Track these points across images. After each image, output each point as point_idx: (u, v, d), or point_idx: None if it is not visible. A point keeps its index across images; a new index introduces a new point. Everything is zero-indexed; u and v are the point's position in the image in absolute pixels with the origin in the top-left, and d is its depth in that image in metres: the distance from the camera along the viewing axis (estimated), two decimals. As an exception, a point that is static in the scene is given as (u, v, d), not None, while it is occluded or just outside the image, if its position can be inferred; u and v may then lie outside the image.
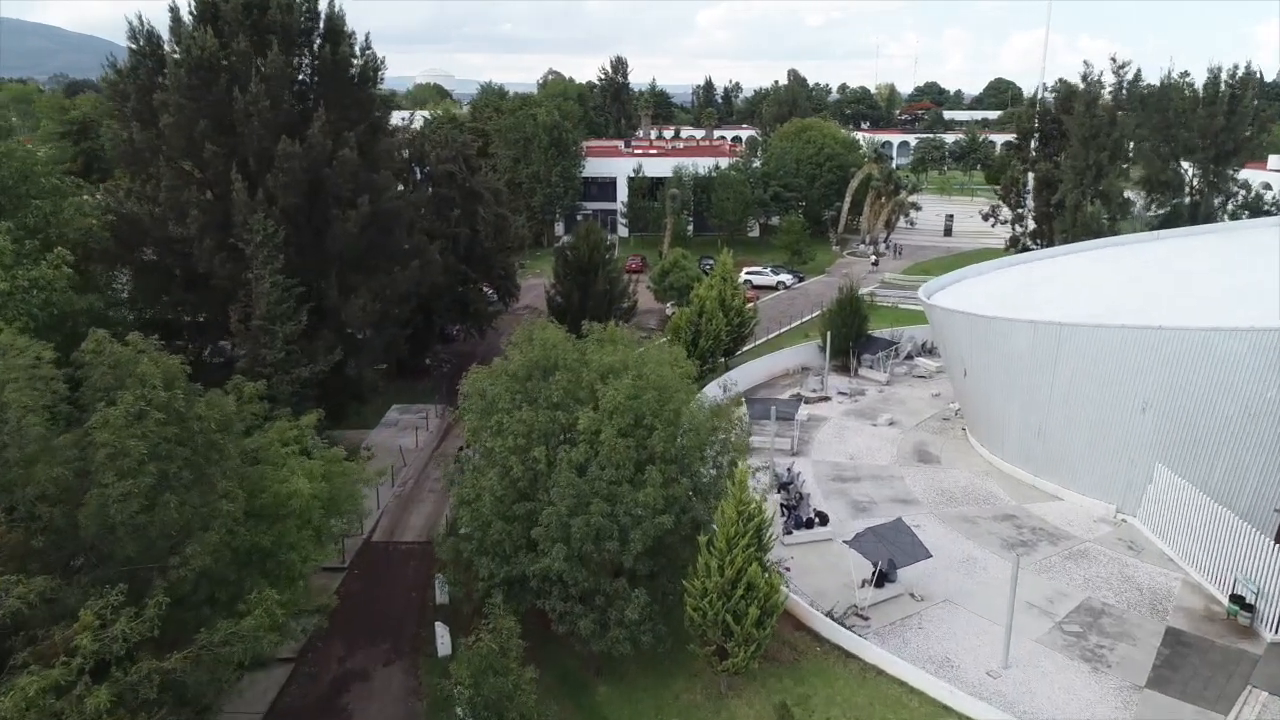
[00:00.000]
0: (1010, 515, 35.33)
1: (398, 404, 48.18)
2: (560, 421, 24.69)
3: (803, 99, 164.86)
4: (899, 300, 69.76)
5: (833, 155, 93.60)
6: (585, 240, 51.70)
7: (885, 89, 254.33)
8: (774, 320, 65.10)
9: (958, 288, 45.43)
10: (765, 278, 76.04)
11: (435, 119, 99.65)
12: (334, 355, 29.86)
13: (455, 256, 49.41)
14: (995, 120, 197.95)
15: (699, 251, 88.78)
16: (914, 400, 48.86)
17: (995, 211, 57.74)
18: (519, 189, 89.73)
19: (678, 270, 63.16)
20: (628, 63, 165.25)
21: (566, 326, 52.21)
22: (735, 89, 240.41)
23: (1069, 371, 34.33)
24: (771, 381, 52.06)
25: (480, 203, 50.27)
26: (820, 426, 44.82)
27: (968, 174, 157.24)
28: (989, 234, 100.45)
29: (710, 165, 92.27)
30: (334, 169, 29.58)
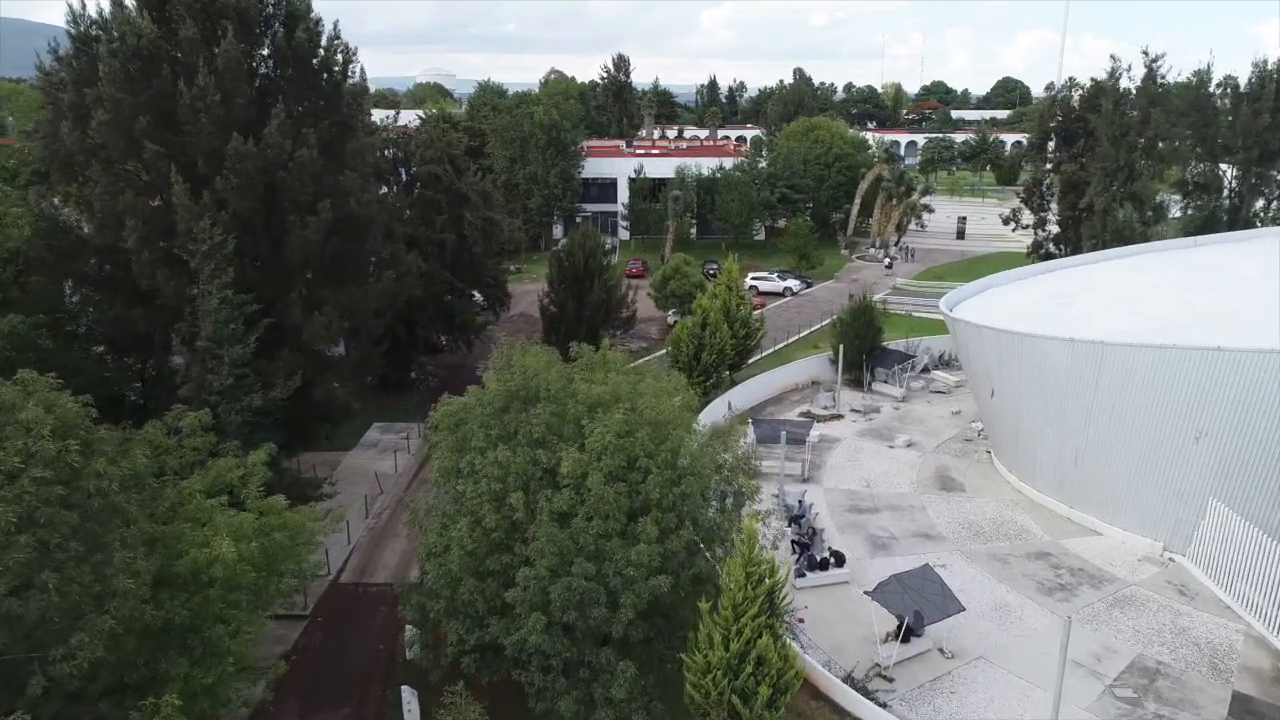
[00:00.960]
0: (1045, 553, 32.00)
1: (379, 422, 44.98)
2: (542, 462, 21.42)
3: (809, 98, 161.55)
4: (913, 307, 66.42)
5: (841, 155, 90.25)
6: (581, 246, 48.44)
7: (891, 88, 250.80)
8: (781, 330, 61.79)
9: (981, 299, 42.09)
10: (771, 284, 72.73)
11: (430, 118, 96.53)
12: (293, 380, 26.60)
13: (441, 263, 46.19)
14: (1005, 120, 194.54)
15: (702, 255, 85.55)
16: (933, 418, 45.51)
17: (1016, 215, 54.48)
18: (515, 190, 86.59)
19: (679, 277, 59.90)
20: (630, 61, 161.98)
21: (560, 337, 49.52)
22: (740, 88, 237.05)
23: (1111, 395, 31.00)
24: (780, 397, 48.74)
25: (468, 206, 47.02)
26: (833, 448, 41.50)
27: (977, 174, 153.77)
28: (1003, 237, 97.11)
29: (714, 166, 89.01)
30: (290, 171, 26.31)
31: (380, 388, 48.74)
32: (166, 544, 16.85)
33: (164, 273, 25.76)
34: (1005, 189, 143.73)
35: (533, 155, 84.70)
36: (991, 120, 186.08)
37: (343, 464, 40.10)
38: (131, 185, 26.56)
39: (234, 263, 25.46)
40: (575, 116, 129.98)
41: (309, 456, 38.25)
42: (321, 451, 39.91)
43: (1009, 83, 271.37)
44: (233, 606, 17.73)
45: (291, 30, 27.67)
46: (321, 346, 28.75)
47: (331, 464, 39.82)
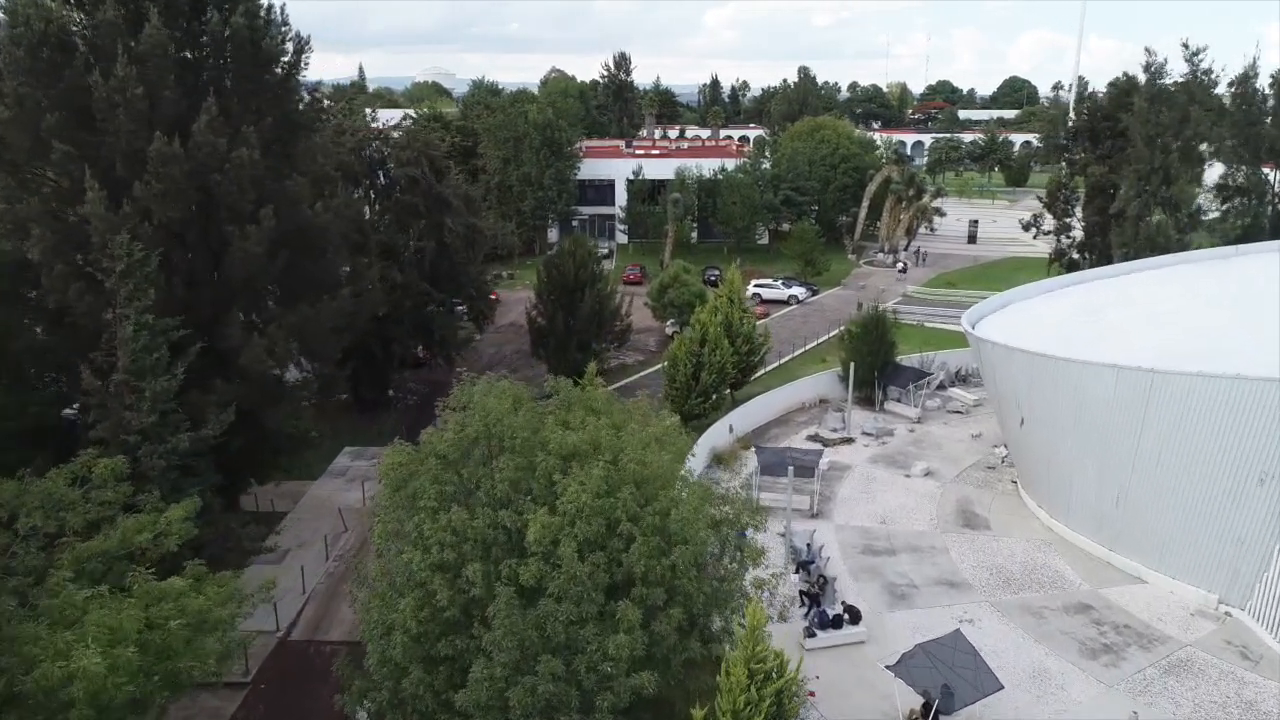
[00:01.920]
0: (1085, 605, 28.43)
1: (350, 446, 41.51)
2: (505, 525, 17.91)
3: (813, 97, 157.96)
4: (925, 317, 62.83)
5: (848, 156, 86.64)
6: (571, 255, 44.91)
7: (897, 87, 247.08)
8: (786, 341, 58.22)
9: (1006, 314, 38.55)
10: (775, 291, 69.16)
11: (420, 117, 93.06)
12: (227, 415, 23.10)
13: (419, 273, 42.71)
14: (1013, 120, 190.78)
15: (703, 260, 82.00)
16: (951, 442, 41.94)
17: (1037, 220, 50.96)
18: (509, 192, 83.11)
19: (678, 285, 56.37)
20: (630, 59, 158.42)
21: (548, 351, 45.98)
22: (742, 88, 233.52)
23: (1161, 429, 27.45)
24: (786, 418, 45.17)
25: (448, 211, 43.54)
26: (844, 478, 37.96)
27: (986, 175, 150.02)
28: (1017, 241, 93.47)
29: (716, 167, 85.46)
30: (227, 174, 22.83)
31: (355, 408, 45.31)
32: (19, 650, 13.32)
33: (77, 287, 22.28)
34: (1015, 190, 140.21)
35: (526, 156, 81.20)
36: (999, 120, 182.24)
37: (306, 496, 36.61)
38: (40, 191, 23.09)
39: (157, 282, 21.96)
40: (572, 115, 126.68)
41: (269, 489, 34.85)
42: (285, 481, 36.54)
43: (1016, 82, 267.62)
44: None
45: (229, 14, 24.17)
46: (264, 371, 25.18)
47: (294, 496, 36.36)
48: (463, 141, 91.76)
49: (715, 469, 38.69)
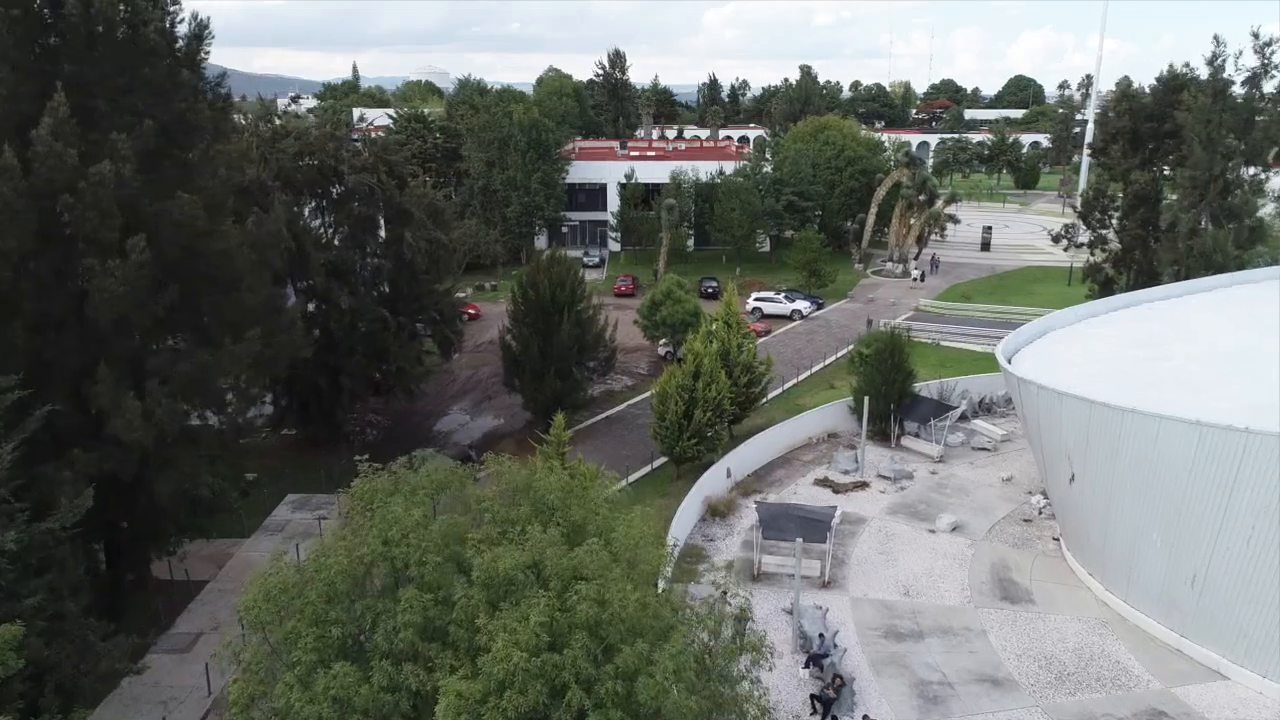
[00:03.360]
0: (1158, 711, 23.35)
1: (294, 494, 36.39)
2: (410, 687, 12.85)
3: (816, 96, 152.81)
4: (939, 335, 57.71)
5: (854, 158, 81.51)
6: (548, 272, 39.80)
7: (900, 87, 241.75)
8: (789, 363, 53.08)
9: (1045, 346, 33.51)
10: (777, 305, 64.00)
11: (401, 117, 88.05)
12: (83, 500, 18.05)
13: (375, 295, 37.66)
14: (1020, 120, 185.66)
15: (700, 269, 76.94)
16: (980, 488, 36.85)
17: (1069, 232, 45.89)
18: (493, 197, 77.99)
19: (671, 302, 51.24)
20: (625, 56, 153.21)
21: (523, 383, 40.74)
22: (742, 87, 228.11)
23: (1255, 500, 22.38)
24: (790, 457, 40.06)
25: (410, 224, 38.47)
26: (859, 534, 32.88)
27: (994, 177, 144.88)
28: (1032, 248, 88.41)
29: (714, 170, 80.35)
30: (81, 193, 17.78)
31: (305, 445, 40.24)
32: None
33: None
34: (1025, 193, 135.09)
35: (511, 159, 76.06)
36: (1007, 120, 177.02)
37: (233, 560, 31.48)
38: None
39: None
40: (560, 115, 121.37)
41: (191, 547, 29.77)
42: (212, 539, 31.48)
43: (1021, 81, 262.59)
44: None
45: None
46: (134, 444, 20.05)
47: (218, 559, 31.26)
48: (446, 143, 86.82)
49: (709, 523, 33.61)
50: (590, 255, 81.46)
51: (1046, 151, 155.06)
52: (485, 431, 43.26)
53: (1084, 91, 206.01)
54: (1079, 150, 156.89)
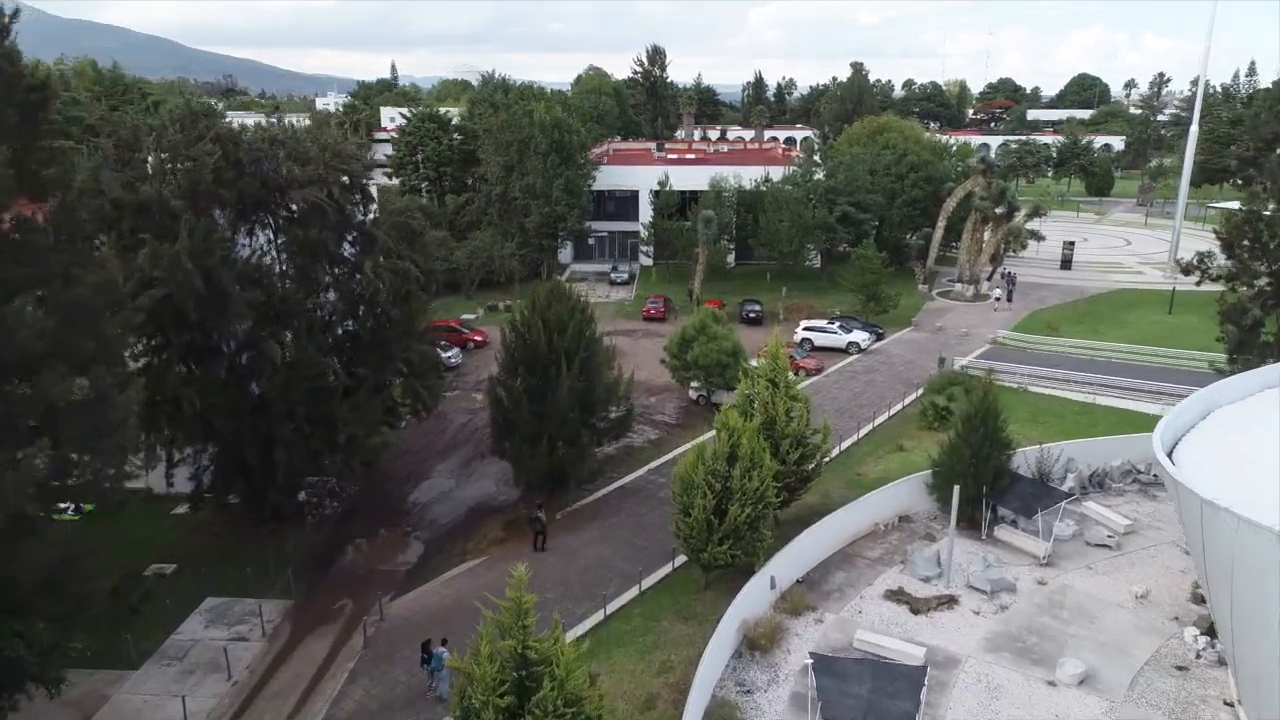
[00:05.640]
0: None
1: (214, 597, 28.52)
2: None
3: (868, 95, 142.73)
4: (1026, 377, 48.31)
5: (918, 164, 71.99)
6: (545, 311, 31.52)
7: (955, 85, 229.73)
8: (846, 413, 44.18)
9: (1212, 434, 24.37)
10: (831, 336, 54.99)
11: (415, 116, 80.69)
12: None
13: (328, 343, 29.77)
14: (1088, 120, 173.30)
15: (741, 289, 68.24)
16: (1107, 608, 27.79)
17: (1204, 262, 36.61)
18: (511, 205, 70.08)
19: (705, 339, 42.70)
20: (665, 53, 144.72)
21: (514, 450, 32.23)
22: (788, 85, 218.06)
23: None
24: (851, 552, 31.30)
25: (372, 250, 30.51)
26: (949, 686, 24.09)
27: (1064, 183, 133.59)
28: (1120, 267, 78.14)
29: (759, 176, 71.52)
30: None
31: (247, 522, 32.43)
32: None
33: None
34: (1101, 200, 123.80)
35: (531, 163, 68.02)
36: (1078, 121, 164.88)
37: (107, 707, 23.60)
38: None
39: None
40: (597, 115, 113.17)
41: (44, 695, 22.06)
42: (87, 668, 23.85)
43: (1085, 80, 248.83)
44: None
45: None
46: None
47: (86, 706, 23.44)
48: (464, 144, 79.27)
49: (747, 664, 25.04)
50: (619, 271, 73.19)
51: (1120, 155, 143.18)
52: (472, 504, 35.11)
53: (1156, 90, 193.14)
54: (1158, 153, 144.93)
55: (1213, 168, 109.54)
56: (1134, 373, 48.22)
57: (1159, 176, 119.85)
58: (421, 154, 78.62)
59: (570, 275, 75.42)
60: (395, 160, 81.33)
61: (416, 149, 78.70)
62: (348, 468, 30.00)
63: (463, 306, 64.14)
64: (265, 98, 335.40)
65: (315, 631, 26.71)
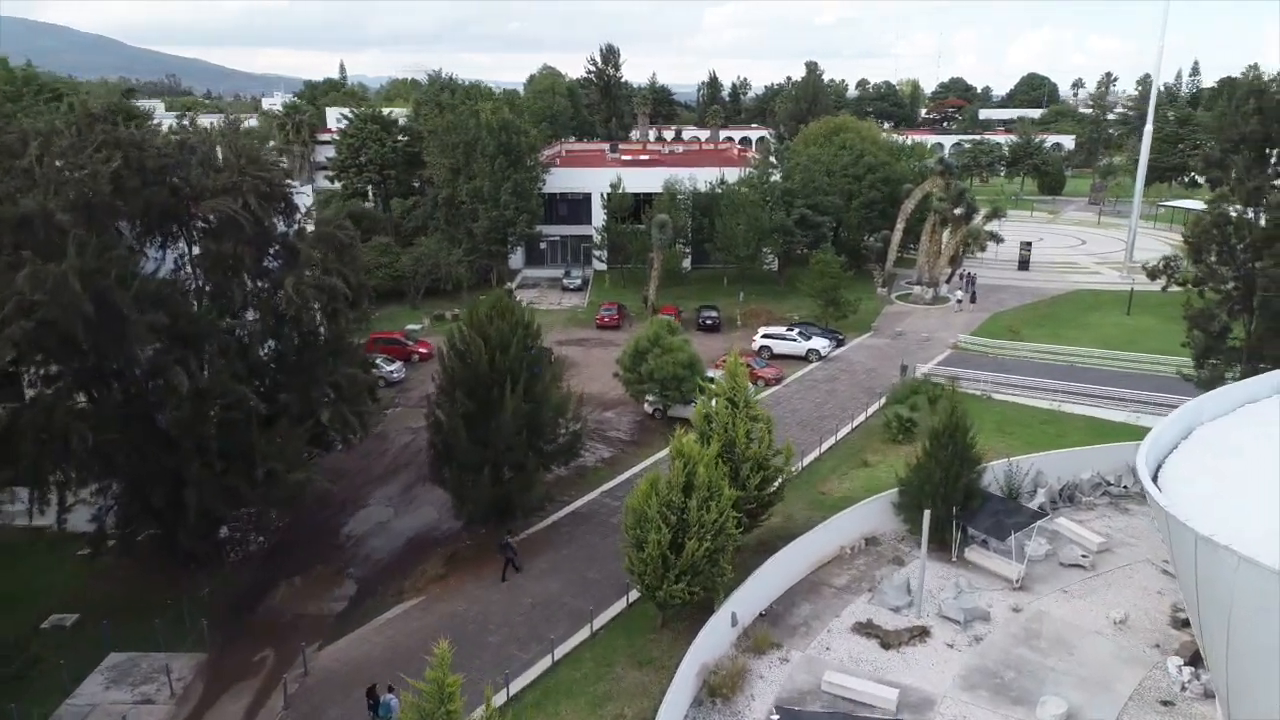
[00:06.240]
0: None
1: (122, 651, 25.72)
2: None
3: (823, 95, 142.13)
4: (990, 383, 47.06)
5: (875, 165, 70.83)
6: (485, 326, 29.23)
7: (908, 85, 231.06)
8: (807, 425, 42.50)
9: (1196, 456, 22.89)
10: (790, 344, 53.33)
11: (357, 117, 77.63)
12: None
13: (245, 368, 27.12)
14: (1038, 120, 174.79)
15: (698, 294, 66.41)
16: (1085, 636, 26.33)
17: (1170, 266, 35.53)
18: (458, 210, 67.43)
19: (660, 350, 40.70)
20: (619, 52, 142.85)
21: (453, 481, 29.23)
22: (743, 85, 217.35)
23: None
24: (816, 580, 29.48)
25: (295, 265, 27.94)
26: (926, 734, 22.34)
27: (1017, 182, 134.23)
28: (1078, 268, 77.90)
29: (714, 178, 69.74)
30: None
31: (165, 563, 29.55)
32: None
33: None
34: (1054, 199, 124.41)
35: (478, 165, 65.42)
36: (1029, 120, 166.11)
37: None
38: None
39: None
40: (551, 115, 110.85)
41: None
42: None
43: (1034, 80, 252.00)
44: None
45: None
46: None
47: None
48: (409, 146, 76.39)
49: (707, 713, 23.02)
50: (571, 277, 70.86)
51: (1071, 154, 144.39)
52: (412, 535, 32.59)
53: (1103, 90, 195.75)
54: (1107, 151, 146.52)
55: (1161, 166, 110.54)
56: (1099, 378, 47.28)
57: (1109, 175, 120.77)
58: (365, 156, 75.57)
59: (521, 281, 72.99)
60: (337, 163, 78.21)
61: (359, 151, 75.63)
62: (267, 507, 27.30)
63: (408, 316, 61.32)
64: (210, 98, 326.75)
65: (231, 690, 24.09)
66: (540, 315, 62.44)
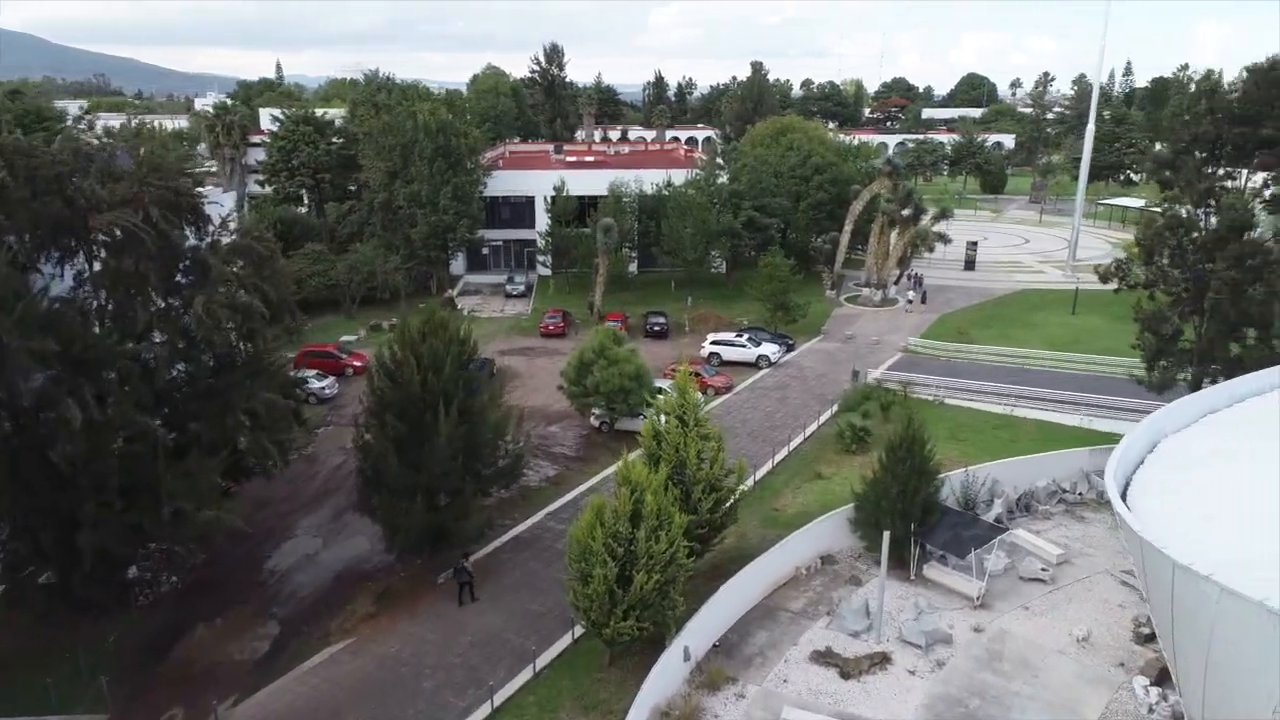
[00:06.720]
0: None
1: (7, 716, 23.20)
2: None
3: (769, 95, 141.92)
4: (941, 388, 46.35)
5: (823, 166, 70.13)
6: (416, 348, 27.28)
7: (853, 85, 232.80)
8: (759, 437, 41.27)
9: (1163, 474, 22.04)
10: (740, 349, 52.12)
11: (289, 118, 74.54)
12: None
13: (152, 396, 24.78)
14: (979, 119, 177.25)
15: (644, 299, 64.97)
16: (1049, 656, 25.39)
17: (1122, 269, 35.09)
18: (395, 215, 64.94)
19: (606, 362, 39.06)
20: (563, 51, 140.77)
21: (383, 510, 26.62)
22: (689, 85, 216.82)
23: None
24: (772, 605, 28.12)
25: (206, 282, 25.66)
26: (891, 775, 21.07)
27: (960, 181, 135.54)
28: (1023, 267, 78.22)
29: (661, 180, 68.31)
30: None
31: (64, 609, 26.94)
32: None
33: None
34: (996, 198, 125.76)
35: (416, 169, 63.03)
36: (971, 120, 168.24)
37: None
38: None
39: None
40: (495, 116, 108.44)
41: None
42: None
43: (974, 79, 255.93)
44: None
45: None
46: None
47: None
48: (344, 149, 73.57)
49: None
50: (515, 283, 68.77)
51: (1012, 153, 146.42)
52: (341, 569, 30.41)
53: (1041, 89, 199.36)
54: (1047, 150, 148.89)
55: (1099, 165, 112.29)
56: (1050, 381, 46.89)
57: (1049, 174, 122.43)
58: (297, 159, 72.50)
59: (463, 288, 70.71)
60: (268, 166, 74.99)
61: (291, 154, 72.54)
62: (174, 549, 24.95)
63: (343, 327, 58.70)
64: (142, 98, 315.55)
65: (134, 755, 21.84)
66: (483, 324, 61.43)
